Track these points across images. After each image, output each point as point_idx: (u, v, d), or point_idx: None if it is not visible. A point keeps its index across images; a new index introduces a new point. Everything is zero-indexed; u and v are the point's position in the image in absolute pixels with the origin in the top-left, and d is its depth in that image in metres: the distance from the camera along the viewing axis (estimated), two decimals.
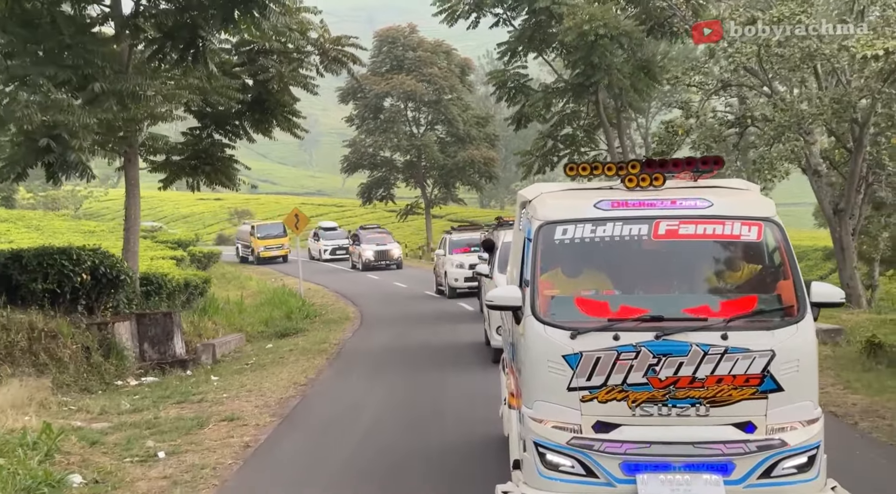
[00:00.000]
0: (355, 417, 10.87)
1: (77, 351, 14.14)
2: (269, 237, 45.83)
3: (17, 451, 8.52)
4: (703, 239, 6.32)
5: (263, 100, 20.69)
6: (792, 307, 6.07)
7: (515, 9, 27.59)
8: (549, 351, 5.94)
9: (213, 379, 14.01)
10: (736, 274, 6.53)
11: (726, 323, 5.92)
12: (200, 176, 21.45)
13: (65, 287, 15.04)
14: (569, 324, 5.96)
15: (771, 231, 6.32)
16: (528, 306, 6.13)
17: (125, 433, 10.14)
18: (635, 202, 6.41)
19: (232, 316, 22.07)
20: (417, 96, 46.86)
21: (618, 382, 5.84)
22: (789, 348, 5.89)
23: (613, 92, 26.79)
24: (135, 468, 8.72)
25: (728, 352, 5.82)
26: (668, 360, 5.82)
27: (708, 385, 5.84)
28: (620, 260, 6.47)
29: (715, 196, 6.47)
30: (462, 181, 49.13)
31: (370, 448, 9.28)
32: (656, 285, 6.56)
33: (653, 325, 5.90)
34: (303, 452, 9.27)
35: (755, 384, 5.87)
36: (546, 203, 6.73)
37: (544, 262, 6.31)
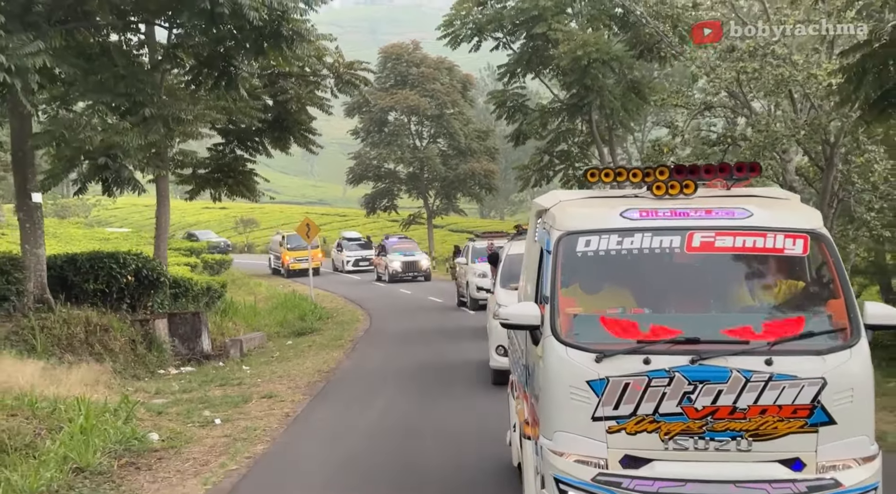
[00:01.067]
0: (373, 397, 12.94)
1: (125, 343, 16.20)
2: (300, 249, 42.72)
3: (105, 415, 10.58)
4: (743, 252, 5.81)
5: (283, 119, 22.81)
6: (844, 330, 5.50)
7: (514, 34, 29.70)
8: (572, 376, 5.41)
9: (244, 369, 16.08)
10: (779, 292, 6.04)
11: (771, 346, 5.37)
12: (223, 188, 23.59)
13: (112, 287, 17.11)
14: (594, 346, 5.44)
15: (817, 245, 5.80)
16: (547, 325, 5.62)
17: (182, 406, 12.22)
18: (666, 212, 5.94)
19: (249, 317, 24.13)
20: (420, 111, 48.99)
21: (649, 411, 5.32)
22: (842, 375, 5.32)
23: (605, 112, 28.90)
24: (198, 429, 10.81)
25: (773, 379, 5.28)
26: (705, 387, 5.28)
27: (750, 417, 5.29)
28: (650, 275, 6.00)
29: (754, 206, 5.99)
30: (463, 192, 51.21)
31: (388, 417, 11.34)
32: (691, 303, 6.02)
33: (688, 347, 5.37)
34: (333, 420, 11.37)
35: (804, 416, 5.29)
36: (567, 212, 6.23)
37: (565, 276, 5.79)
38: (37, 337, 14.57)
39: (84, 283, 16.81)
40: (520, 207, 77.38)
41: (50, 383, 12.24)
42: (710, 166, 6.39)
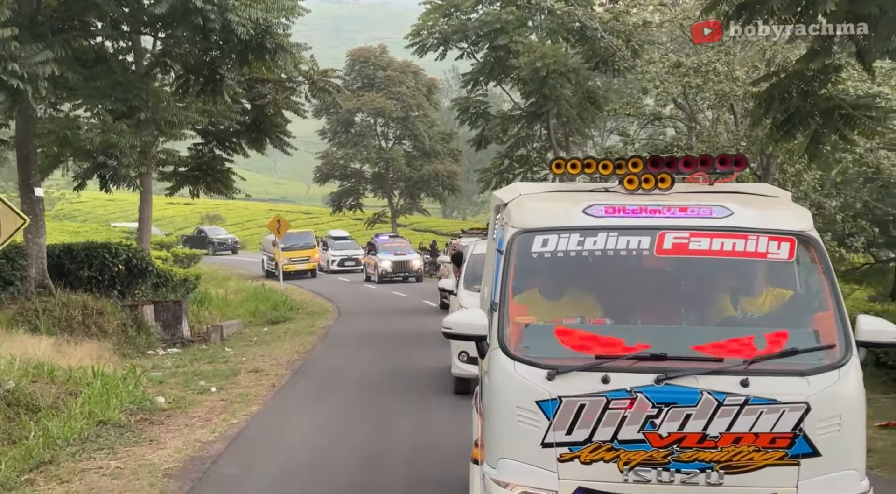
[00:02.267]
0: (348, 371, 14.80)
1: (117, 326, 17.83)
2: (295, 249, 40.76)
3: (116, 382, 12.33)
4: (720, 257, 5.18)
5: (260, 122, 24.53)
6: (833, 347, 4.90)
7: (478, 44, 31.63)
8: (520, 395, 4.83)
9: (227, 350, 17.83)
10: (761, 302, 5.49)
11: (747, 365, 4.77)
12: (202, 185, 25.29)
13: (105, 275, 18.81)
14: (546, 361, 4.85)
15: (807, 249, 5.22)
16: (494, 336, 5.07)
17: (179, 378, 14.00)
18: (635, 209, 5.36)
19: (223, 308, 25.76)
20: (386, 113, 50.85)
21: (607, 437, 4.74)
22: (829, 400, 4.73)
23: (562, 119, 30.93)
24: (197, 395, 12.61)
25: (749, 403, 4.68)
26: (671, 411, 4.69)
27: (722, 446, 4.70)
28: (615, 280, 5.43)
29: (736, 204, 5.40)
30: (427, 193, 53.13)
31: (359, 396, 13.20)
32: (659, 313, 5.42)
33: (653, 365, 4.78)
34: (314, 388, 13.24)
35: (784, 446, 4.71)
36: (524, 207, 5.66)
37: (519, 280, 5.25)
38: (40, 318, 16.20)
39: (79, 270, 18.47)
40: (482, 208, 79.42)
41: (60, 356, 13.94)
42: (690, 158, 5.86)
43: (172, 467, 8.88)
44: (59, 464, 9.09)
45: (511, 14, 29.97)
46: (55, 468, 8.98)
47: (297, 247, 40.79)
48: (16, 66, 14.65)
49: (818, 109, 13.18)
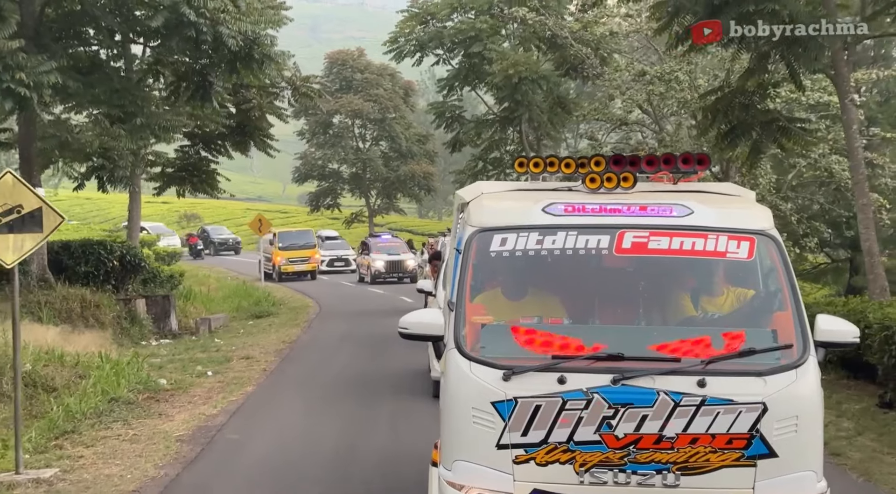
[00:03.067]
0: (332, 358, 16.16)
1: (113, 319, 19.08)
2: (294, 248, 38.89)
3: (121, 366, 13.63)
4: (679, 256, 5.22)
5: (245, 125, 25.75)
6: (791, 347, 4.91)
7: (453, 51, 33.04)
8: (475, 396, 4.81)
9: (217, 341, 19.12)
10: (720, 302, 5.53)
11: (705, 365, 4.77)
12: (188, 185, 26.53)
13: (100, 270, 19.99)
14: (502, 361, 4.84)
15: (766, 248, 5.27)
16: (450, 336, 5.05)
17: (177, 364, 15.32)
18: (595, 207, 5.37)
19: (207, 303, 26.97)
20: (364, 114, 52.23)
21: (562, 439, 4.72)
22: (786, 400, 4.73)
23: (534, 124, 32.40)
24: (195, 378, 13.94)
25: (706, 403, 4.67)
26: (628, 412, 4.68)
27: (679, 447, 4.69)
28: (574, 279, 5.46)
29: (696, 202, 5.42)
30: (403, 193, 54.54)
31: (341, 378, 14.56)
32: (617, 313, 5.45)
33: (610, 365, 4.77)
34: (301, 372, 14.62)
35: (741, 447, 4.70)
36: (483, 206, 5.70)
37: (477, 280, 5.28)
38: (42, 310, 17.41)
39: (76, 266, 19.67)
40: None
41: (66, 344, 15.21)
42: (653, 157, 5.91)
43: (183, 434, 10.23)
44: (82, 433, 10.42)
45: (485, 23, 31.41)
46: (78, 436, 10.31)
47: (296, 246, 39.06)
48: (23, 75, 15.83)
49: (758, 122, 14.72)
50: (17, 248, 8.94)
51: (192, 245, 51.21)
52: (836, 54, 13.57)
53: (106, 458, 9.27)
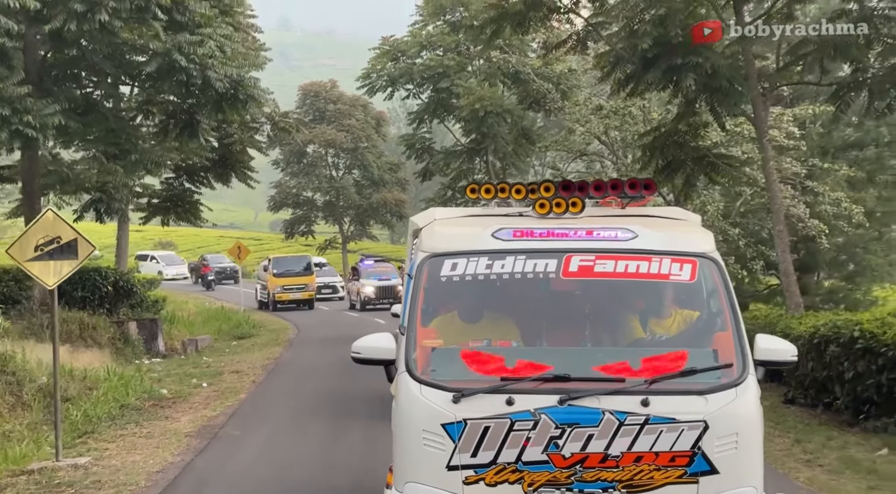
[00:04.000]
0: (313, 372, 17.97)
1: (108, 339, 20.79)
2: (289, 275, 37.55)
3: (125, 378, 15.38)
4: (624, 278, 5.38)
5: (227, 158, 27.62)
6: (731, 366, 5.08)
7: (422, 86, 35.05)
8: (426, 418, 4.94)
9: (205, 359, 20.88)
10: (661, 322, 5.71)
11: (648, 385, 4.91)
12: (172, 215, 28.30)
13: (96, 295, 21.70)
14: (451, 384, 4.97)
15: (708, 270, 5.45)
16: (401, 359, 5.20)
17: (173, 378, 17.08)
18: (543, 232, 5.55)
19: (189, 326, 28.71)
20: (337, 144, 54.11)
21: (511, 459, 4.85)
22: (726, 417, 4.88)
23: (499, 155, 34.48)
24: (193, 389, 15.72)
25: (650, 422, 4.81)
26: (574, 432, 4.81)
27: (624, 465, 4.83)
28: (523, 303, 5.65)
29: (642, 226, 5.62)
30: (376, 220, 56.41)
31: (322, 386, 16.38)
32: (565, 335, 5.61)
33: (557, 386, 4.90)
34: (287, 384, 16.44)
35: (683, 465, 4.84)
36: (435, 232, 5.84)
37: (428, 304, 5.43)
38: (44, 331, 19.10)
39: (73, 291, 21.35)
40: None
41: (71, 361, 16.93)
42: (601, 183, 6.02)
43: (190, 431, 12.04)
44: (101, 433, 12.19)
45: (452, 60, 33.51)
46: (99, 435, 12.08)
47: (291, 273, 37.64)
48: (30, 118, 17.62)
49: (690, 158, 16.81)
50: (56, 272, 10.77)
51: (204, 275, 50.84)
52: (754, 100, 15.69)
53: (128, 450, 11.07)
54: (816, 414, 11.82)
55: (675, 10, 15.06)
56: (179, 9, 19.37)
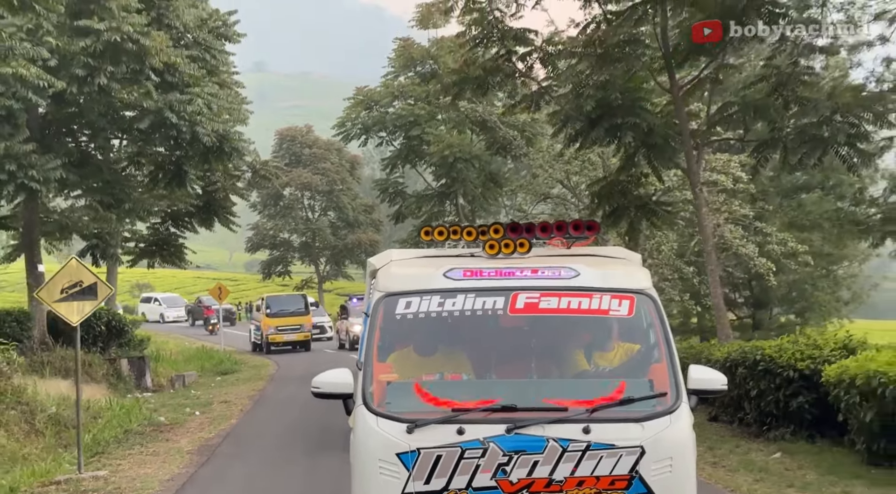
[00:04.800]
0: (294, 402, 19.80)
1: (103, 375, 22.52)
2: (284, 315, 36.15)
3: (125, 408, 17.15)
4: (567, 314, 5.78)
5: (210, 204, 29.54)
6: (665, 395, 5.46)
7: (395, 134, 37.31)
8: (382, 448, 5.26)
9: (193, 392, 22.62)
10: (604, 355, 6.09)
11: (589, 414, 5.26)
12: (157, 258, 30.12)
13: (90, 334, 23.43)
14: (406, 415, 5.29)
15: (645, 306, 5.86)
16: (358, 393, 5.57)
17: (168, 408, 18.86)
18: (491, 271, 5.95)
19: (173, 364, 30.41)
20: (313, 187, 56.23)
21: (462, 485, 5.16)
22: (661, 443, 5.25)
23: (468, 198, 36.64)
24: (187, 417, 17.51)
25: (591, 448, 5.15)
26: (521, 458, 5.14)
27: (567, 489, 5.15)
28: (473, 338, 6.01)
29: (584, 265, 6.02)
30: (351, 260, 58.35)
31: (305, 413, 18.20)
32: (512, 368, 6.03)
33: (504, 416, 5.25)
34: (271, 412, 18.27)
35: (622, 488, 5.17)
36: (390, 273, 6.29)
37: (385, 340, 5.84)
38: (45, 367, 20.83)
39: (70, 330, 23.09)
40: None
41: (74, 393, 18.67)
42: (546, 224, 6.47)
43: (191, 450, 13.86)
44: (111, 453, 13.98)
45: (423, 109, 35.75)
46: (109, 455, 13.86)
47: (285, 313, 36.29)
48: (34, 172, 19.56)
49: (633, 205, 18.93)
50: (79, 311, 12.66)
51: (208, 318, 48.16)
52: (687, 154, 17.86)
53: (139, 464, 12.89)
54: (732, 428, 13.81)
55: (615, 76, 17.22)
56: (170, 70, 21.50)
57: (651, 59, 18.08)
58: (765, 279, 32.45)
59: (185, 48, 22.75)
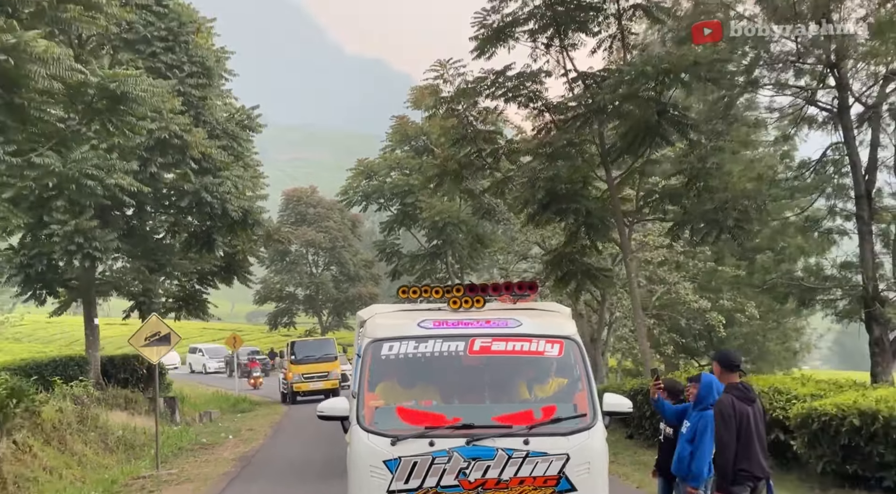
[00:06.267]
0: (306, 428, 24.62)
1: (146, 411, 27.37)
2: (310, 361, 34.57)
3: (178, 433, 21.98)
4: (513, 355, 7.45)
5: (231, 264, 34.52)
6: (585, 415, 7.13)
7: (391, 200, 42.47)
8: (372, 457, 6.87)
9: (220, 424, 27.42)
10: (541, 386, 7.73)
11: (529, 430, 6.88)
12: (183, 311, 35.07)
13: (133, 376, 28.35)
14: (390, 432, 6.91)
15: (571, 348, 7.51)
16: (354, 416, 7.18)
17: (204, 434, 23.70)
18: (454, 322, 7.58)
19: (195, 404, 35.20)
20: (317, 244, 61.43)
21: (433, 484, 6.76)
22: (582, 451, 6.89)
23: (457, 257, 41.67)
24: (223, 439, 22.39)
25: (529, 456, 6.78)
26: (477, 463, 6.76)
27: (512, 486, 6.77)
28: (441, 373, 7.60)
29: (526, 317, 7.71)
30: (352, 312, 63.22)
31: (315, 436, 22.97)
32: (471, 395, 7.64)
33: (464, 432, 6.86)
34: (289, 436, 23.12)
35: (553, 485, 6.82)
36: (376, 323, 7.88)
37: (373, 375, 7.42)
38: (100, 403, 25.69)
39: (118, 373, 28.01)
40: None
41: (130, 421, 23.55)
42: (497, 285, 8.23)
43: (233, 460, 18.71)
44: (172, 462, 18.82)
45: (416, 179, 40.92)
46: (171, 463, 18.69)
47: (312, 359, 34.63)
48: (97, 243, 24.59)
49: (579, 271, 23.89)
50: (158, 353, 17.61)
51: (250, 371, 47.67)
52: (620, 231, 22.86)
53: (197, 467, 17.76)
54: (638, 442, 18.68)
55: (561, 170, 22.26)
56: (206, 158, 26.71)
57: (591, 156, 23.18)
58: (716, 330, 37.36)
59: (217, 139, 27.99)
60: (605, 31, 22.55)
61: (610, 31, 22.54)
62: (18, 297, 26.74)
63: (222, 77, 29.13)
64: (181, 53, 26.87)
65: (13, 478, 15.07)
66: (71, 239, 23.93)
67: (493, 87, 22.63)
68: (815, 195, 24.19)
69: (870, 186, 22.13)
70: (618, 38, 22.59)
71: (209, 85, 28.01)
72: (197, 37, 27.32)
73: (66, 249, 23.86)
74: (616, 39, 22.64)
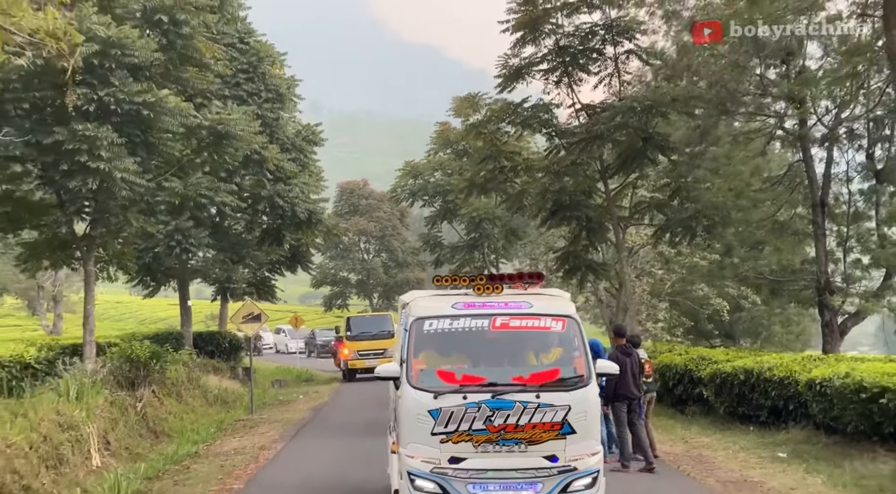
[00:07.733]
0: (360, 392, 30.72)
1: (230, 377, 33.70)
2: (365, 338, 34.76)
3: (262, 392, 28.22)
4: (526, 330, 9.28)
5: (295, 255, 40.70)
6: (583, 376, 9.07)
7: (435, 197, 48.08)
8: (419, 408, 8.78)
9: (290, 389, 33.56)
10: (548, 354, 9.59)
11: (539, 387, 8.76)
12: (254, 295, 41.40)
13: (218, 349, 34.70)
14: (432, 389, 8.80)
15: (571, 325, 9.35)
16: (404, 377, 9.05)
17: (283, 395, 29.92)
18: (480, 304, 9.41)
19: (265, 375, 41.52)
20: (368, 232, 67.49)
21: (465, 428, 8.65)
22: (580, 402, 8.82)
23: (492, 248, 47.44)
24: (296, 398, 28.70)
25: (540, 407, 8.64)
26: (500, 412, 8.62)
27: (527, 430, 8.65)
28: (470, 344, 9.42)
29: (535, 300, 9.55)
30: (400, 295, 69.07)
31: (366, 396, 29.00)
32: (494, 361, 9.50)
33: (490, 388, 8.76)
34: (346, 395, 29.27)
35: (558, 429, 8.70)
36: (418, 305, 9.75)
37: (417, 345, 9.22)
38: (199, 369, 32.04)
39: (206, 346, 34.39)
40: None
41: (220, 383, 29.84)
42: (512, 275, 10.22)
43: (308, 408, 24.88)
44: (261, 411, 24.97)
45: (456, 180, 46.64)
46: (260, 413, 24.82)
47: (367, 336, 34.87)
48: (193, 240, 30.87)
49: (583, 265, 29.57)
50: (252, 328, 23.81)
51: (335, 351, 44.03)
52: (615, 234, 28.48)
53: (280, 414, 23.92)
54: None
55: (567, 186, 27.92)
56: (279, 169, 32.89)
57: (593, 172, 28.83)
58: (720, 315, 42.48)
59: (287, 152, 34.11)
60: (604, 71, 28.08)
61: (608, 70, 28.06)
62: (128, 283, 33.09)
63: (292, 100, 35.22)
64: (259, 82, 33.02)
65: (152, 417, 21.35)
66: (172, 236, 30.24)
67: (512, 115, 28.38)
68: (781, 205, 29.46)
69: (825, 196, 27.30)
70: (615, 76, 28.12)
71: (282, 108, 34.12)
72: (273, 68, 33.42)
73: (168, 244, 30.23)
74: (613, 77, 28.18)
